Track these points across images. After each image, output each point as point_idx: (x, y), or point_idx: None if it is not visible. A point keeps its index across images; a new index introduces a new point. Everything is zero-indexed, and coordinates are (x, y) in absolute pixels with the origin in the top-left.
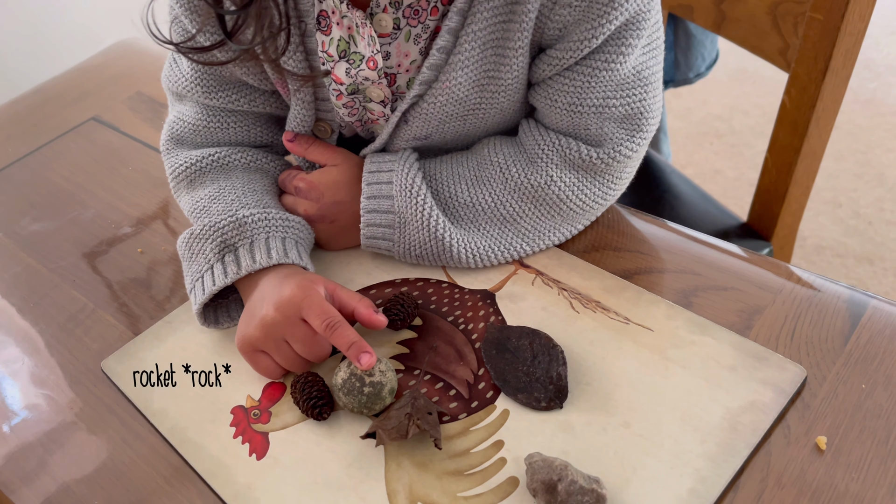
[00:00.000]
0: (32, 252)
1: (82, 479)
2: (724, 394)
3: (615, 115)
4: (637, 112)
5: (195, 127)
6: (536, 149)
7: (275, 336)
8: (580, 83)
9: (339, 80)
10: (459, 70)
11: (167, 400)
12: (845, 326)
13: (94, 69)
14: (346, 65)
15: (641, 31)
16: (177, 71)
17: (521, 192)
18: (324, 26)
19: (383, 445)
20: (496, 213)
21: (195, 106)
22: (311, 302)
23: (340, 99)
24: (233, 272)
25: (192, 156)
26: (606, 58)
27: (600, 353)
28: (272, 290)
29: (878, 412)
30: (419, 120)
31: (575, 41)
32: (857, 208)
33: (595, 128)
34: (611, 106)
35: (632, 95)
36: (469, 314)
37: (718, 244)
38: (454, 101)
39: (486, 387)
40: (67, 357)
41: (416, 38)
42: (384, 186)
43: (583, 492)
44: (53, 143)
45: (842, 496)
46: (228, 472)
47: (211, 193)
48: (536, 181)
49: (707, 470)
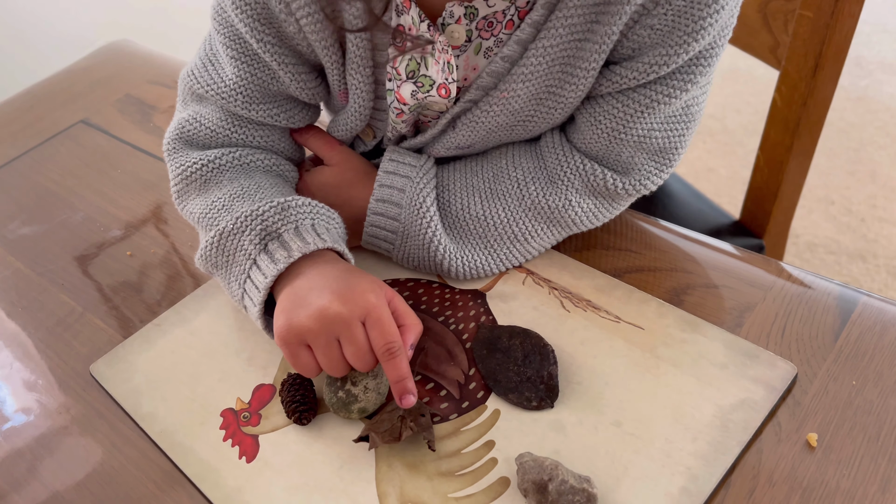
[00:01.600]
0: (21, 256)
1: (72, 484)
2: (715, 392)
3: (652, 147)
4: (673, 146)
5: (214, 132)
6: (559, 169)
7: (330, 331)
8: (633, 110)
9: (403, 100)
10: (521, 83)
11: (156, 403)
12: (835, 323)
13: (83, 72)
14: (413, 87)
15: (709, 67)
16: (213, 74)
17: (536, 212)
18: (398, 41)
19: (369, 444)
20: (507, 231)
21: (221, 111)
22: (380, 314)
23: (401, 117)
24: (283, 257)
25: (206, 154)
26: (669, 91)
27: (591, 352)
28: (333, 279)
29: (868, 408)
30: (467, 128)
31: (645, 63)
32: (850, 205)
33: (627, 156)
34: (652, 137)
35: (674, 130)
36: (460, 314)
37: (709, 242)
38: (508, 112)
39: (477, 387)
40: (56, 361)
41: (487, 52)
42: (396, 193)
43: (573, 491)
44: (42, 146)
45: (833, 493)
46: (218, 476)
47: (232, 192)
48: (554, 203)
49: (698, 468)
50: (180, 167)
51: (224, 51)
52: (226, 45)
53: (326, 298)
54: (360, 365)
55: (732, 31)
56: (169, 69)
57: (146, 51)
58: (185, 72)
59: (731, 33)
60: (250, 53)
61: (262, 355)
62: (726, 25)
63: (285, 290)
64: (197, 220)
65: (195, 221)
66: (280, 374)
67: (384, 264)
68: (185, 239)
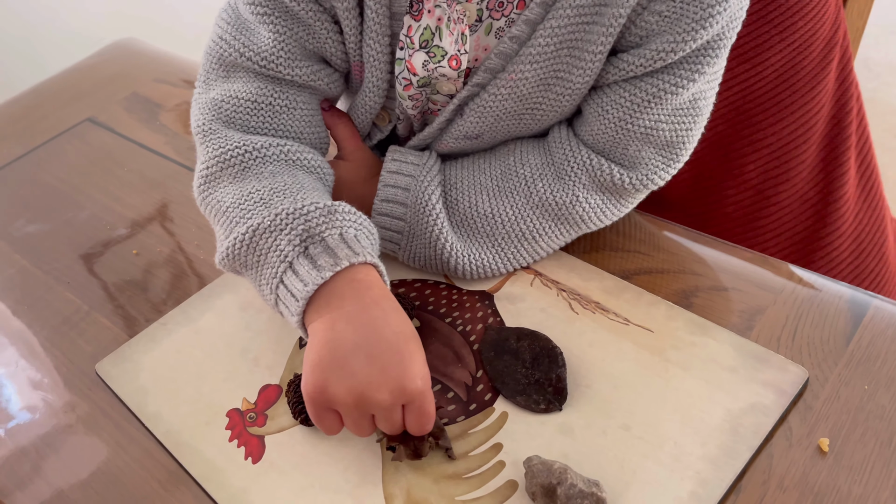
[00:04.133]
0: (27, 254)
1: (77, 483)
2: (725, 395)
3: (659, 140)
4: (680, 140)
5: (255, 105)
6: (566, 165)
7: (367, 411)
8: (640, 100)
9: (414, 70)
10: (528, 64)
11: (162, 403)
12: (847, 327)
13: (90, 70)
14: (425, 56)
15: (717, 58)
16: (246, 39)
17: (544, 209)
18: (415, 10)
19: (393, 455)
20: (515, 229)
21: (255, 81)
22: (424, 403)
23: (408, 90)
24: (328, 264)
25: (252, 140)
26: (676, 81)
27: (600, 355)
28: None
29: (880, 414)
30: (475, 114)
31: (653, 51)
32: None
33: (634, 150)
34: (659, 130)
35: (682, 123)
36: (467, 315)
37: (719, 243)
38: (516, 97)
39: (485, 389)
40: (62, 360)
41: (498, 32)
42: (400, 192)
43: (582, 495)
44: (48, 145)
45: (844, 499)
46: (223, 476)
47: (273, 186)
48: (562, 199)
49: (708, 473)
50: (218, 149)
51: (253, 15)
52: (254, 7)
53: (372, 375)
54: (392, 430)
55: (742, 24)
56: (175, 67)
57: (153, 49)
58: (210, 44)
59: (740, 26)
60: (282, 10)
61: (269, 355)
62: (735, 17)
63: (322, 331)
64: (224, 211)
65: (221, 212)
66: (286, 374)
67: (390, 264)
68: (191, 238)
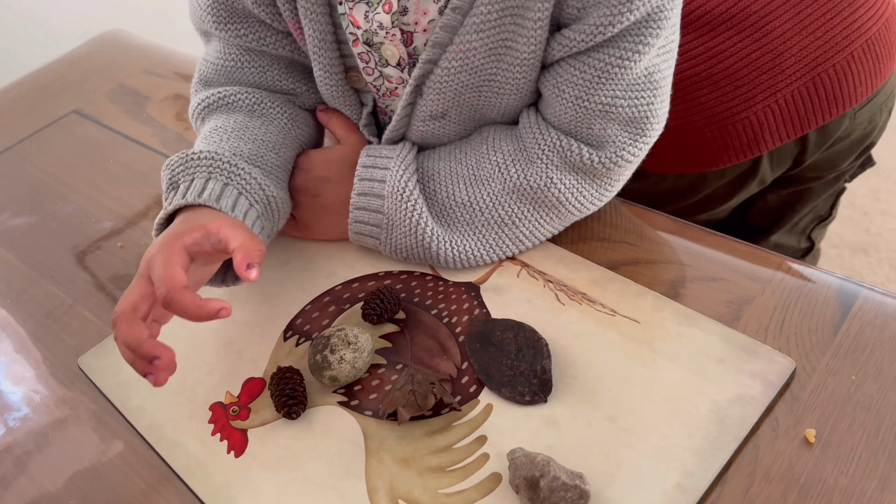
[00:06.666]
0: (11, 247)
1: (59, 479)
2: (712, 386)
3: (621, 116)
4: (643, 115)
5: (217, 67)
6: (536, 148)
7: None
8: (590, 76)
9: (357, 22)
10: (474, 34)
11: (145, 396)
12: (835, 317)
13: (76, 61)
14: (366, 7)
15: (660, 29)
16: (195, 2)
17: (520, 194)
18: None
19: (366, 442)
20: (493, 215)
21: (217, 44)
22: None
23: (356, 46)
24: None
25: (202, 95)
26: (621, 54)
27: (586, 346)
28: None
29: (868, 404)
30: (434, 92)
31: (591, 25)
32: (853, 198)
33: (598, 128)
34: (618, 106)
35: (640, 98)
36: (453, 307)
37: (707, 233)
38: (469, 70)
39: (470, 381)
40: (45, 354)
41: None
42: (376, 185)
43: (565, 488)
44: (34, 137)
45: (831, 490)
46: (206, 471)
47: (204, 132)
48: (536, 182)
49: (693, 464)
50: (190, 109)
51: None
52: None
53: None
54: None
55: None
56: (164, 59)
57: (141, 40)
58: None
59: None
60: None
61: (252, 348)
62: None
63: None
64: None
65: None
66: (270, 367)
67: (374, 257)
68: None
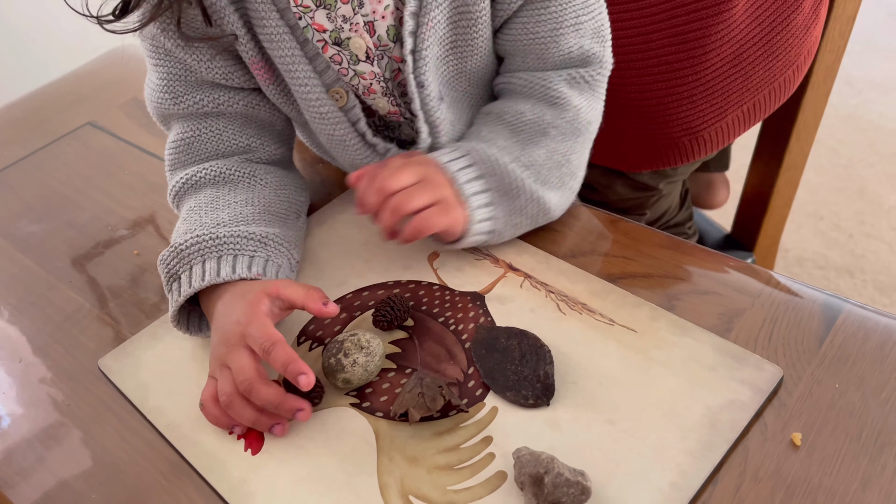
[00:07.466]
0: (29, 253)
1: (79, 474)
2: (705, 392)
3: (588, 30)
4: (601, 24)
5: (185, 144)
6: (546, 91)
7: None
8: (554, 8)
9: (322, 27)
10: (436, 9)
11: (163, 397)
12: (820, 329)
13: (90, 75)
14: (326, 11)
15: None
16: (149, 86)
17: (559, 130)
18: None
19: (378, 441)
20: (552, 161)
21: (178, 123)
22: (252, 329)
23: (326, 51)
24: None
25: (174, 181)
26: None
27: (586, 353)
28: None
29: (850, 410)
30: (428, 75)
31: None
32: (838, 221)
33: (576, 47)
34: (583, 22)
35: (594, 10)
36: (459, 315)
37: (701, 250)
38: (439, 43)
39: (476, 385)
40: (64, 356)
41: None
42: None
43: (568, 484)
44: (50, 147)
45: (815, 490)
46: (223, 467)
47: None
48: (565, 116)
49: (687, 464)
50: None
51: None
52: (147, 56)
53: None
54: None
55: None
56: None
57: None
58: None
59: None
60: (162, 52)
61: None
62: None
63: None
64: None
65: None
66: None
67: (381, 268)
68: None
